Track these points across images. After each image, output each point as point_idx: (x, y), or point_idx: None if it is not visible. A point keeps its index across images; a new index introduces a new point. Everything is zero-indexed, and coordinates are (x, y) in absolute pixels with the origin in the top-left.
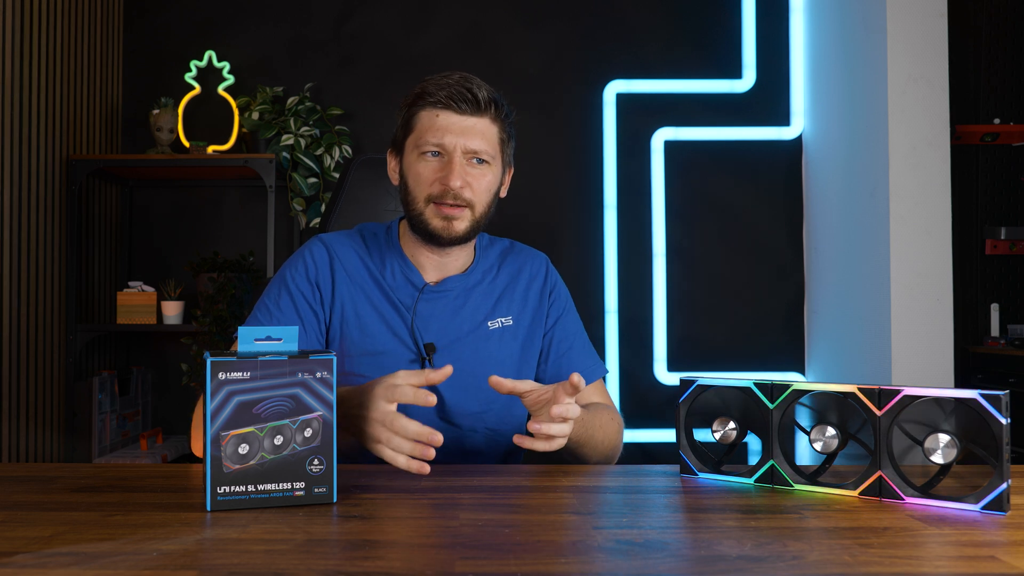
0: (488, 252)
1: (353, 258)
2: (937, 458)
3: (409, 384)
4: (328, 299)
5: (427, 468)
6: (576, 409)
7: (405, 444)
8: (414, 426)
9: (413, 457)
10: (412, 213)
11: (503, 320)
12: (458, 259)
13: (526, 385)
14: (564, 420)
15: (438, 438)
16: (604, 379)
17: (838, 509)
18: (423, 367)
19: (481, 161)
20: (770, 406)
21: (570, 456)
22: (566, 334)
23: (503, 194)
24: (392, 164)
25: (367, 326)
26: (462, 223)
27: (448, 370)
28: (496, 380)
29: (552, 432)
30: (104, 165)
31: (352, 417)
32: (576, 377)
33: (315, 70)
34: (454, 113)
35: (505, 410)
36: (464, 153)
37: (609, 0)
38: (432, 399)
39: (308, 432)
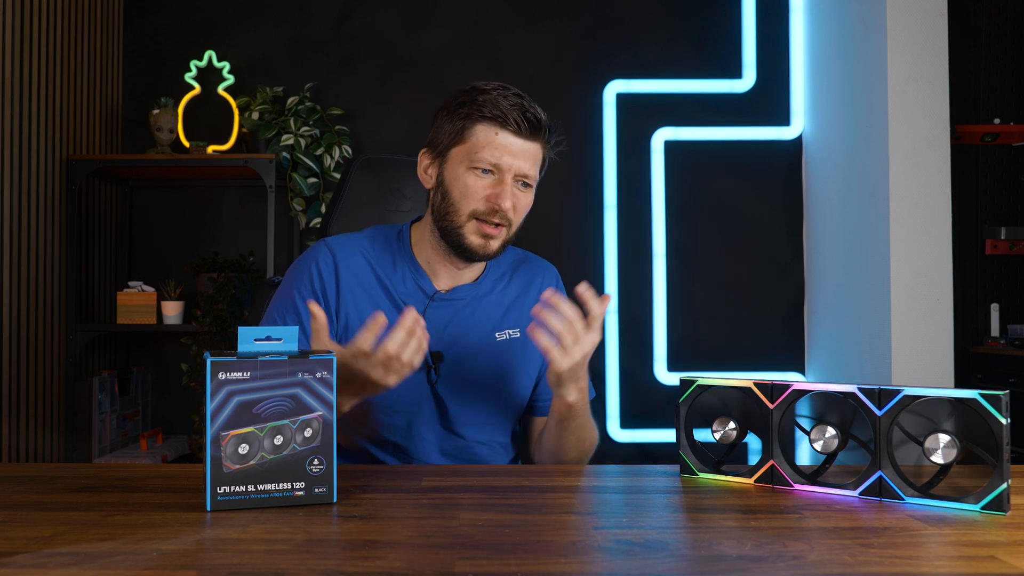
0: (499, 261)
1: (360, 263)
2: (937, 458)
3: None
4: (333, 307)
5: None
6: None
7: (405, 364)
8: (392, 342)
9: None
10: (450, 225)
11: (511, 332)
12: (473, 269)
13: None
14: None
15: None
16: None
17: (838, 509)
18: (428, 376)
19: (526, 185)
20: (770, 406)
21: (555, 438)
22: None
23: None
24: (426, 164)
25: None
26: (497, 242)
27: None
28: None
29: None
30: (104, 165)
31: (350, 383)
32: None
33: (315, 70)
34: (512, 134)
35: (510, 422)
36: (516, 176)
37: (609, 0)
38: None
39: (308, 432)
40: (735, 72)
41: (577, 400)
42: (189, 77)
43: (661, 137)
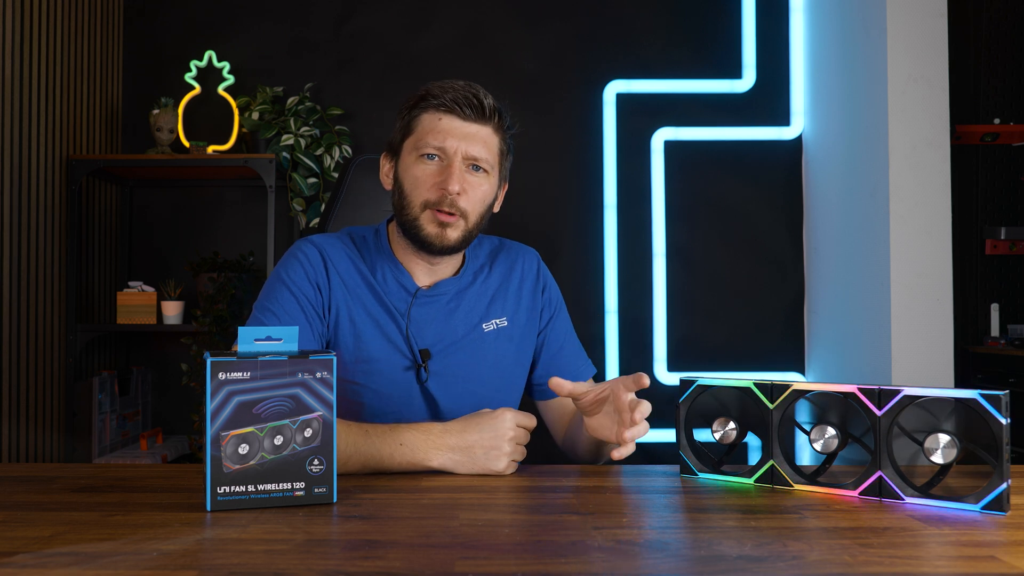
0: (477, 252)
1: (345, 261)
2: (937, 458)
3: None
4: (326, 298)
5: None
6: (648, 407)
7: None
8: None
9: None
10: (406, 218)
11: (498, 321)
12: (449, 263)
13: (582, 387)
14: (641, 422)
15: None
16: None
17: (838, 509)
18: (418, 374)
19: (479, 169)
20: (770, 406)
21: (570, 444)
22: (557, 335)
23: (496, 209)
24: (386, 167)
25: (362, 332)
26: (455, 232)
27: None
28: (557, 382)
29: (637, 435)
30: (104, 165)
31: (460, 447)
32: (644, 378)
33: (315, 70)
34: (458, 118)
35: None
36: (464, 159)
37: (609, 0)
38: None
39: (308, 432)
40: (735, 72)
41: None
42: (189, 77)
43: (661, 137)
